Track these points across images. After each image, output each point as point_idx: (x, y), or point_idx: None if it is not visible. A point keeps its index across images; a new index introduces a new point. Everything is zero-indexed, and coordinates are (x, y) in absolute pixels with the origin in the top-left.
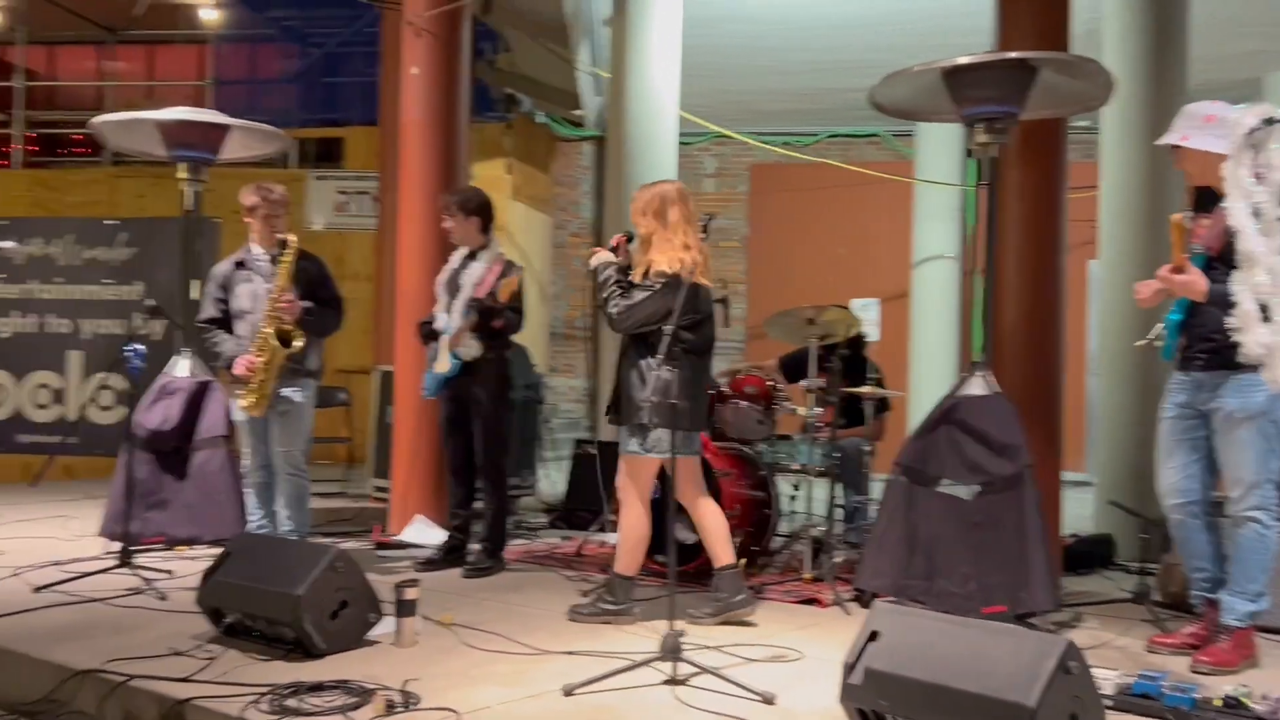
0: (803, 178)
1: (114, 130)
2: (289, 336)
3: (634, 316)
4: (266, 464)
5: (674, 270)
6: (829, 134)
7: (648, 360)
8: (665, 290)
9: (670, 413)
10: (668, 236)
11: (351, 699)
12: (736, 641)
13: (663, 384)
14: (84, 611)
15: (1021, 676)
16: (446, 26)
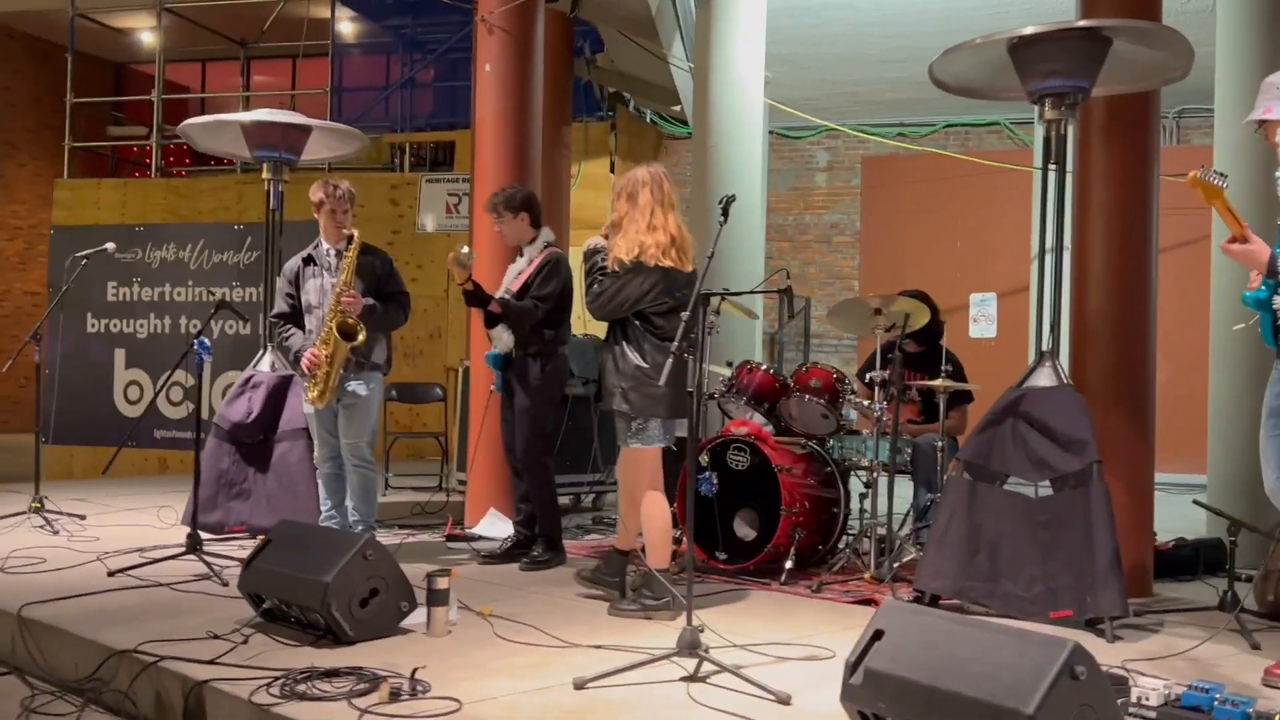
0: (918, 169)
1: (201, 133)
2: (351, 330)
3: (605, 304)
4: (335, 456)
5: (632, 256)
6: (946, 123)
7: (620, 346)
8: (631, 274)
9: (643, 402)
10: (635, 218)
11: (362, 685)
12: (771, 639)
13: (634, 371)
14: (146, 595)
15: (1023, 682)
16: (519, 23)
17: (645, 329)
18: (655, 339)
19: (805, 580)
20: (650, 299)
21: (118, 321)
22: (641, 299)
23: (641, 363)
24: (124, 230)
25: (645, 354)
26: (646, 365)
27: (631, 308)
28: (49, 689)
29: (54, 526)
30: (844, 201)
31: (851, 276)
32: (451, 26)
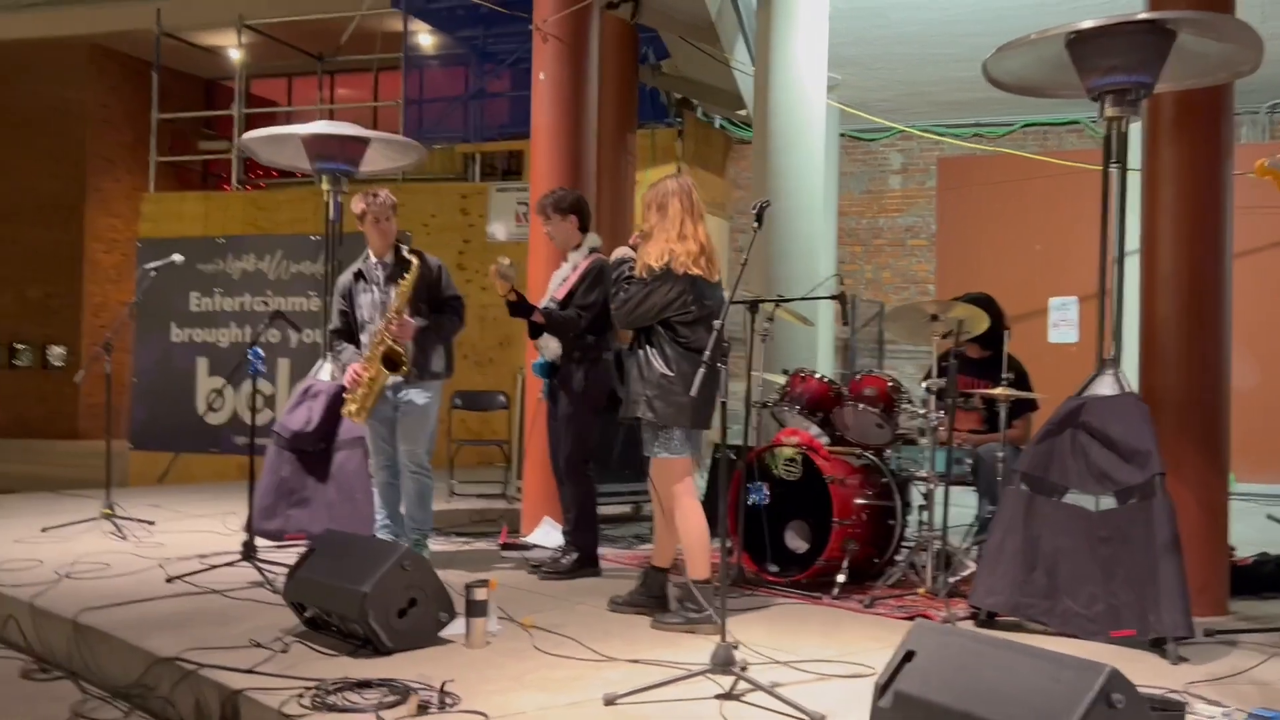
0: (995, 170)
1: (263, 146)
2: (396, 361)
3: (632, 311)
4: (390, 464)
5: (661, 263)
6: (1025, 123)
7: (645, 353)
8: (657, 282)
9: (668, 410)
10: (664, 228)
11: (392, 697)
12: (815, 656)
13: (659, 379)
14: (198, 602)
15: (1055, 709)
16: (573, 31)
17: (671, 337)
18: (680, 347)
19: (859, 594)
20: (677, 307)
21: (200, 331)
22: (668, 306)
23: (667, 371)
24: (206, 242)
25: (670, 362)
26: (672, 373)
27: (658, 315)
28: (100, 694)
29: (123, 533)
30: (919, 204)
31: (927, 280)
32: (521, 36)
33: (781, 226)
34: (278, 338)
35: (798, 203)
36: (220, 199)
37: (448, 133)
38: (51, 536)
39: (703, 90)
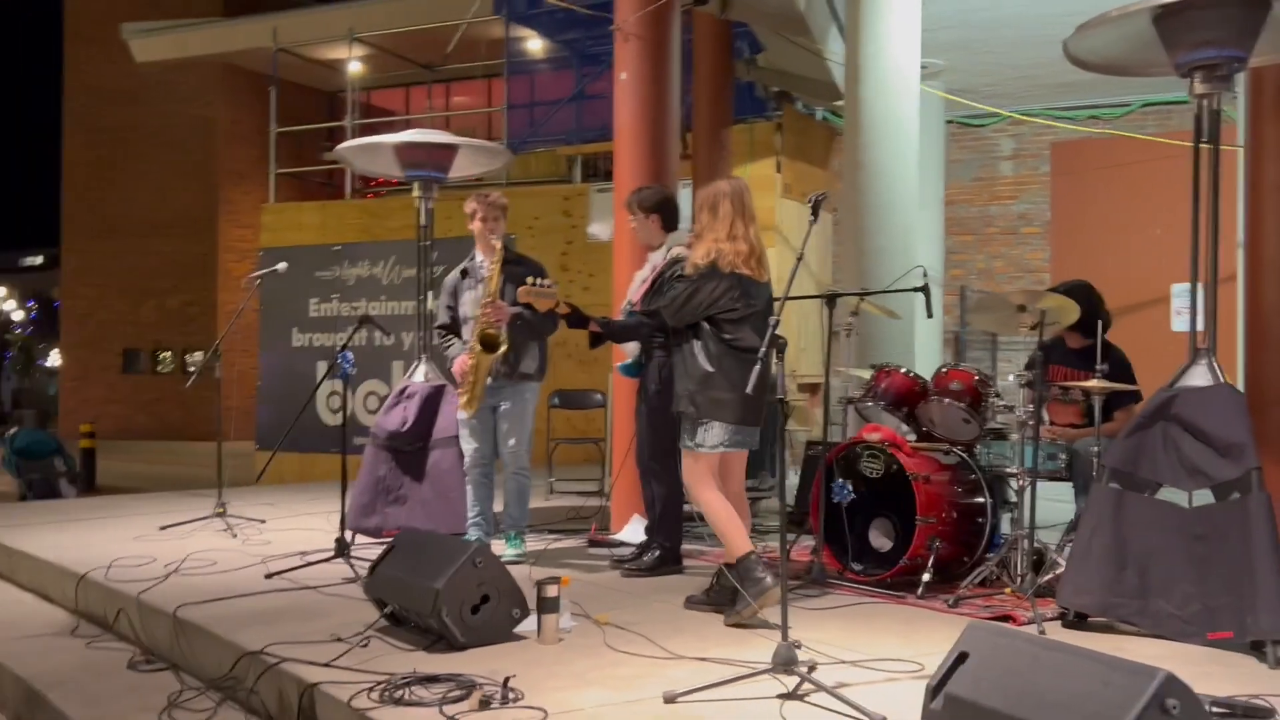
0: (1111, 153)
1: (356, 155)
2: (492, 341)
3: (679, 309)
4: (482, 463)
5: (707, 261)
6: (1143, 103)
7: (688, 348)
8: (703, 279)
9: (709, 405)
10: (714, 228)
11: (457, 692)
12: (888, 655)
13: (702, 375)
14: (292, 598)
15: (1105, 714)
16: (654, 30)
17: (715, 334)
18: (724, 345)
19: (946, 594)
20: (723, 304)
21: (319, 336)
22: (714, 303)
23: (708, 367)
24: (323, 250)
25: (712, 358)
26: (712, 370)
27: (704, 312)
28: (196, 685)
29: (233, 530)
30: (1031, 190)
31: (1042, 269)
32: None
33: (874, 220)
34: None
35: (891, 196)
36: (335, 208)
37: (552, 136)
38: (168, 534)
39: (800, 82)
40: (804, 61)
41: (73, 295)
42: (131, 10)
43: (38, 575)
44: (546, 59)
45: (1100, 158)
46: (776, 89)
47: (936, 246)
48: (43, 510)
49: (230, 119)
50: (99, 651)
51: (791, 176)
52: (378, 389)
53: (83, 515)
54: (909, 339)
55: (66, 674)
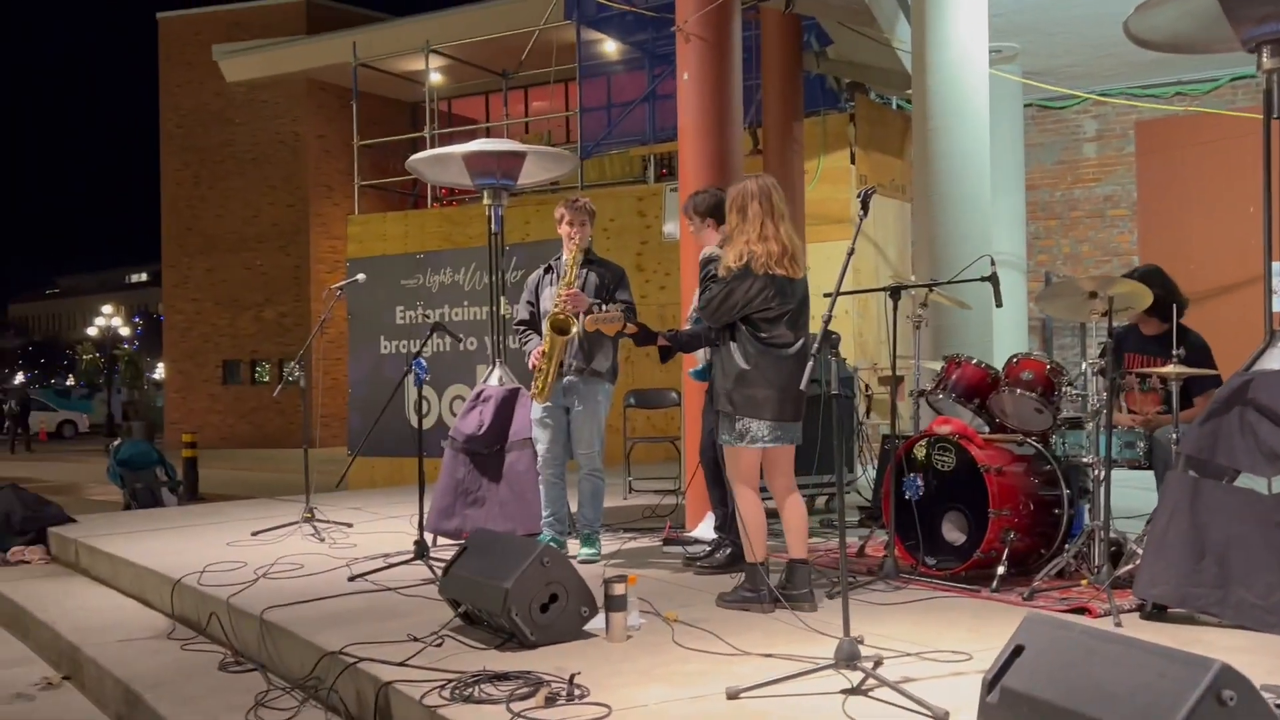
0: (1200, 130)
1: (428, 166)
2: (563, 324)
3: (715, 309)
4: (556, 463)
5: (740, 263)
6: (1232, 76)
7: (726, 348)
8: (738, 280)
9: (745, 402)
10: (744, 230)
11: (525, 689)
12: (957, 649)
13: (739, 374)
14: (373, 599)
15: (1160, 706)
16: (715, 29)
17: (751, 334)
18: (760, 343)
19: (1022, 587)
20: (757, 304)
21: (405, 342)
22: (748, 304)
23: (744, 365)
24: (406, 259)
25: (749, 357)
26: (748, 368)
27: (739, 312)
28: (282, 685)
29: (321, 535)
30: (1117, 172)
31: (1130, 252)
32: None
33: (945, 209)
34: (475, 345)
35: (963, 183)
36: (417, 217)
37: (626, 137)
38: (260, 539)
39: (871, 72)
40: (874, 51)
41: (174, 310)
42: (218, 33)
43: (137, 581)
44: (619, 61)
45: (1188, 135)
46: (848, 80)
47: (1019, 232)
48: (144, 518)
49: (316, 133)
50: (193, 654)
51: (867, 167)
52: (463, 392)
53: (181, 523)
54: (986, 329)
55: (162, 675)
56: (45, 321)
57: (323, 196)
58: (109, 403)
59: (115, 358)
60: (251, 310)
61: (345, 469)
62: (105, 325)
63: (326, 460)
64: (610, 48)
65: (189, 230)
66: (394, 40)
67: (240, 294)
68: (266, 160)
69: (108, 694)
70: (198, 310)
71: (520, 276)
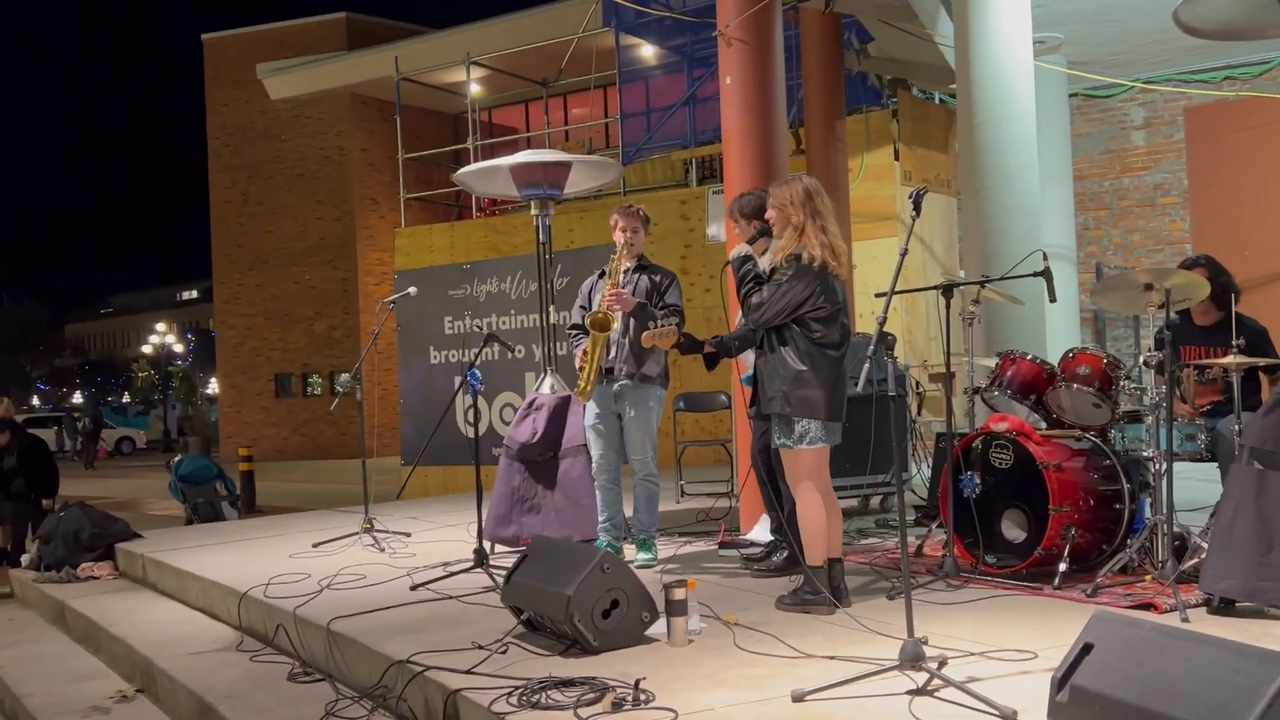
0: (1252, 114)
1: (476, 179)
2: (602, 321)
3: (768, 310)
4: (611, 468)
5: (792, 262)
6: None
7: (779, 351)
8: (793, 280)
9: (802, 403)
10: (817, 226)
11: (591, 695)
12: (1022, 647)
13: (794, 375)
14: (435, 608)
15: (1236, 703)
16: (757, 33)
17: (803, 334)
18: (812, 343)
19: (1084, 583)
20: (811, 304)
21: (454, 352)
22: (802, 304)
23: (800, 366)
24: (454, 269)
25: (804, 357)
26: (804, 368)
27: (792, 314)
28: (351, 694)
29: (381, 545)
30: (1167, 159)
31: (1183, 240)
32: None
33: (993, 203)
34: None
35: (1010, 176)
36: (463, 228)
37: (666, 141)
38: (321, 551)
39: (914, 68)
40: (915, 47)
41: (226, 325)
42: (262, 51)
43: (204, 595)
44: (657, 65)
45: (1239, 120)
46: (890, 77)
47: (1067, 224)
48: (207, 533)
49: (360, 147)
50: (262, 665)
51: (911, 163)
52: (513, 400)
53: (243, 536)
54: (1039, 323)
55: (234, 687)
56: (100, 340)
57: (368, 210)
58: (165, 419)
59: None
60: (302, 324)
61: (404, 480)
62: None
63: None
64: (648, 52)
65: (239, 246)
66: (434, 53)
67: (290, 308)
68: (312, 176)
69: (181, 706)
70: (249, 325)
71: (566, 284)
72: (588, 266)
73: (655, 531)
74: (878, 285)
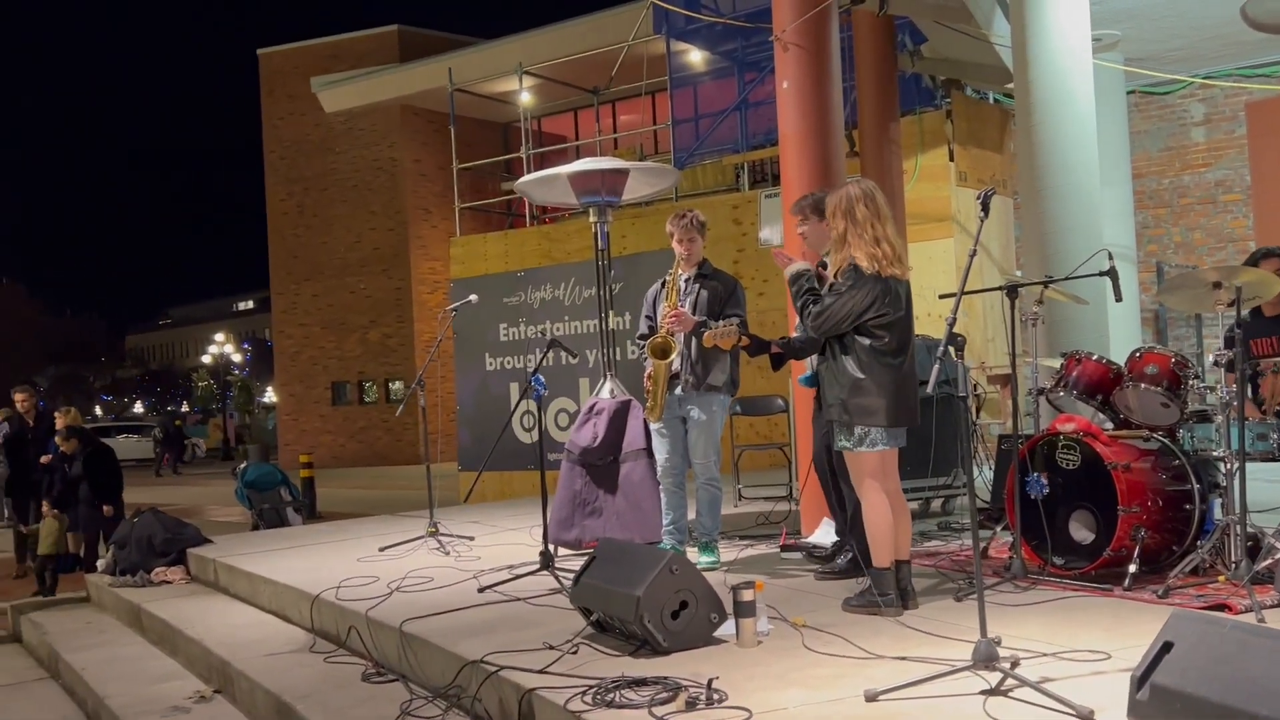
0: None
1: (534, 188)
2: (661, 348)
3: (830, 320)
4: (676, 472)
5: (853, 270)
6: None
7: (838, 359)
8: (853, 289)
9: (860, 411)
10: (856, 233)
11: (664, 694)
12: (1094, 648)
13: (852, 383)
14: (504, 609)
15: None
16: (813, 38)
17: (863, 341)
18: (873, 351)
19: (1155, 585)
20: (873, 311)
21: (510, 358)
22: (864, 312)
23: (858, 374)
24: (508, 277)
25: (863, 365)
26: (862, 376)
27: (853, 322)
28: (424, 694)
29: (446, 549)
30: (1228, 155)
31: (1246, 238)
32: None
33: (1053, 203)
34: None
35: (1070, 176)
36: (516, 236)
37: (718, 146)
38: (388, 555)
39: (967, 69)
40: (970, 47)
41: (283, 335)
42: (316, 65)
43: (277, 598)
44: (708, 70)
45: None
46: (943, 77)
47: (1127, 223)
48: (275, 538)
49: (413, 158)
50: (336, 666)
51: (966, 164)
52: (567, 406)
53: (310, 541)
54: (1102, 323)
55: (309, 687)
56: (160, 351)
57: (421, 219)
58: (224, 428)
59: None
60: (357, 332)
61: (471, 486)
62: (218, 352)
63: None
64: (696, 58)
65: (295, 257)
66: (485, 63)
67: (346, 317)
68: (366, 186)
69: (259, 705)
70: (306, 334)
71: (620, 289)
72: (642, 272)
73: (718, 535)
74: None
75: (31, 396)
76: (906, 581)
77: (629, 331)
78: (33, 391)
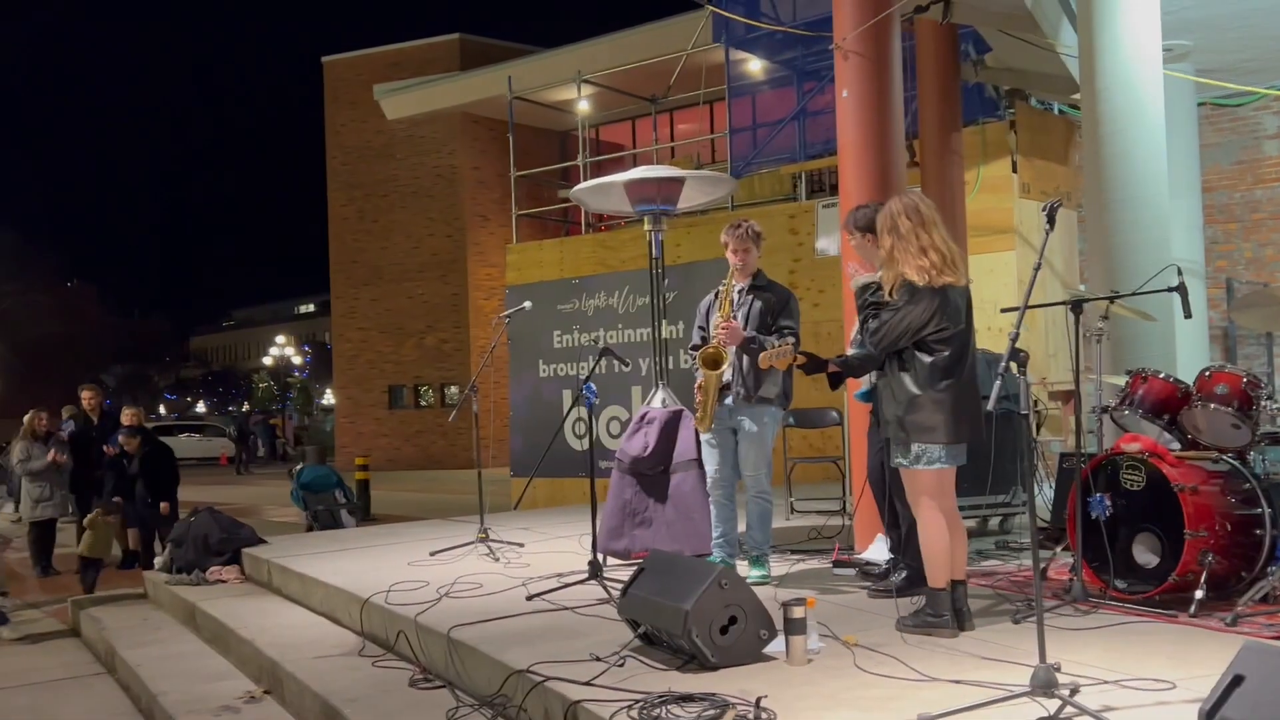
0: None
1: (590, 196)
2: (712, 359)
3: (887, 337)
4: (726, 484)
5: (907, 285)
6: None
7: (896, 375)
8: (910, 304)
9: (917, 428)
10: (903, 248)
11: (711, 711)
12: (1158, 676)
13: (909, 400)
14: (552, 618)
15: None
16: (875, 46)
17: (922, 357)
18: (930, 367)
19: (1223, 612)
20: (932, 325)
21: (563, 365)
22: (923, 327)
23: (915, 390)
24: (562, 284)
25: (919, 381)
26: (919, 393)
27: (912, 337)
28: (471, 702)
29: (495, 555)
30: None
31: None
32: None
33: (1121, 215)
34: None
35: (1139, 189)
36: (572, 243)
37: (775, 155)
38: (438, 559)
39: (1031, 79)
40: (1035, 57)
41: (342, 338)
42: (378, 73)
43: (328, 600)
44: (766, 79)
45: None
46: (1007, 87)
47: (1196, 238)
48: (328, 539)
49: (471, 165)
50: (384, 670)
51: (1030, 175)
52: (619, 414)
53: (362, 543)
54: (1169, 340)
55: (357, 691)
56: (222, 352)
57: (478, 226)
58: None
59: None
60: (414, 337)
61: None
62: (279, 354)
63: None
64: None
65: (354, 262)
66: (544, 72)
67: (403, 322)
68: (425, 193)
69: (307, 708)
70: (364, 338)
71: (674, 298)
72: (695, 281)
73: (768, 549)
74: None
75: (98, 394)
76: (962, 602)
77: (682, 340)
78: (99, 390)
